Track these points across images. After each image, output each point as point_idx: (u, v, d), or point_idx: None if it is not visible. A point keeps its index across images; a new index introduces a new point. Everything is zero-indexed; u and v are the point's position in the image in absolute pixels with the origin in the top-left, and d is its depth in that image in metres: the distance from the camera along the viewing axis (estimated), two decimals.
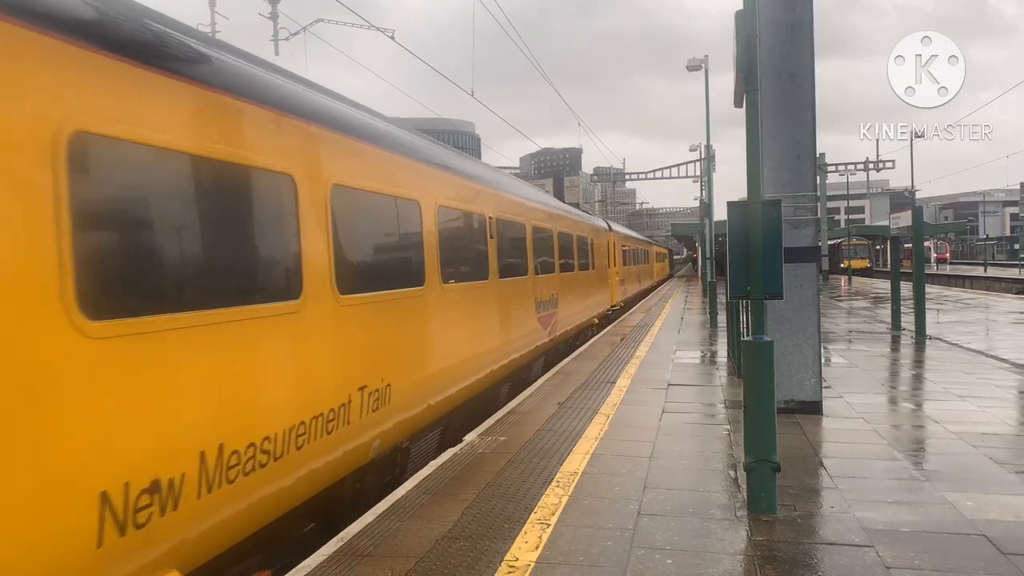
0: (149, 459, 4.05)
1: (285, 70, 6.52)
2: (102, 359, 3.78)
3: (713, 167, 35.44)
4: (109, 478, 3.77)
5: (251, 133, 5.30)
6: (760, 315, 6.39)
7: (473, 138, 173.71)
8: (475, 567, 4.96)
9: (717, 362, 14.75)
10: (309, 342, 5.82)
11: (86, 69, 3.88)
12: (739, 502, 6.16)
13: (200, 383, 4.54)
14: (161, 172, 4.47)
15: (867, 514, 5.88)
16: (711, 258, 30.04)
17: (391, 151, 7.89)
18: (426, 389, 8.17)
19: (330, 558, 5.18)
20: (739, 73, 6.56)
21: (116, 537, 3.78)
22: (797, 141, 9.38)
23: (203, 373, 4.57)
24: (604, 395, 10.99)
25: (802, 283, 9.32)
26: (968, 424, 8.85)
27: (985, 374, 12.59)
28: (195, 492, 4.37)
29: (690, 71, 31.64)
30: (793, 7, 9.36)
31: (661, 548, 5.23)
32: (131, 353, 3.97)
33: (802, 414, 9.34)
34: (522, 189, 15.46)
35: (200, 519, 4.46)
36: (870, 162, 57.11)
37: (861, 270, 65.48)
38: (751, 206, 6.24)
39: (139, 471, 3.96)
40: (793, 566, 4.94)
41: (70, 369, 3.60)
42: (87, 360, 3.69)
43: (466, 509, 6.10)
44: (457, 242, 9.76)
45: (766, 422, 6.10)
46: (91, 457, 3.69)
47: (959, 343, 16.60)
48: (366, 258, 7.33)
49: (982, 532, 5.48)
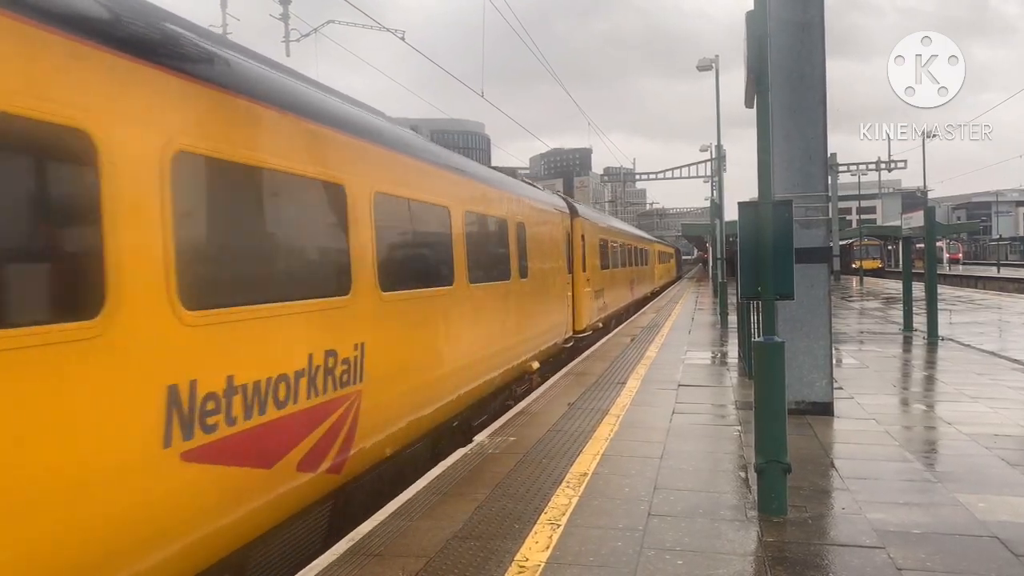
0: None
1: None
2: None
3: (724, 167, 35.38)
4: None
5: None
6: (771, 316, 6.38)
7: (483, 138, 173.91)
8: (485, 567, 4.98)
9: (728, 363, 14.72)
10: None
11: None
12: (749, 503, 6.16)
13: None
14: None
15: (878, 515, 5.86)
16: (722, 258, 29.88)
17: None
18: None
19: (341, 557, 5.20)
20: (750, 74, 6.55)
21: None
22: (808, 142, 9.35)
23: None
24: (614, 396, 10.99)
25: (813, 284, 9.29)
26: (980, 425, 8.81)
27: (998, 375, 12.52)
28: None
29: (700, 71, 31.58)
30: (804, 7, 9.33)
31: (671, 549, 5.23)
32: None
33: (813, 415, 9.32)
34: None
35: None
36: (882, 162, 56.82)
37: (873, 270, 65.18)
38: (762, 206, 6.23)
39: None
40: (804, 567, 4.93)
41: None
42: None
43: (476, 509, 6.11)
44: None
45: (777, 423, 6.09)
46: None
47: (971, 344, 16.50)
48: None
49: (994, 534, 5.45)
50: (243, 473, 4.96)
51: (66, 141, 3.75)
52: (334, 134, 6.48)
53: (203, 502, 4.57)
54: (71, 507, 3.67)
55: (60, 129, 3.68)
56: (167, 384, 4.26)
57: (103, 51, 4.00)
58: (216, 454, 4.64)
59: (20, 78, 3.50)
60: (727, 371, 13.64)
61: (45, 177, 3.85)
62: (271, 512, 5.32)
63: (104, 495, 3.85)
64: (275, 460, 5.32)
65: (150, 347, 4.18)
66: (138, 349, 4.10)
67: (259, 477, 5.14)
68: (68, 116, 3.72)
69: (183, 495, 4.39)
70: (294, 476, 5.53)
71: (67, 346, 3.66)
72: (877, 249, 71.46)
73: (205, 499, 4.59)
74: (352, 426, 6.36)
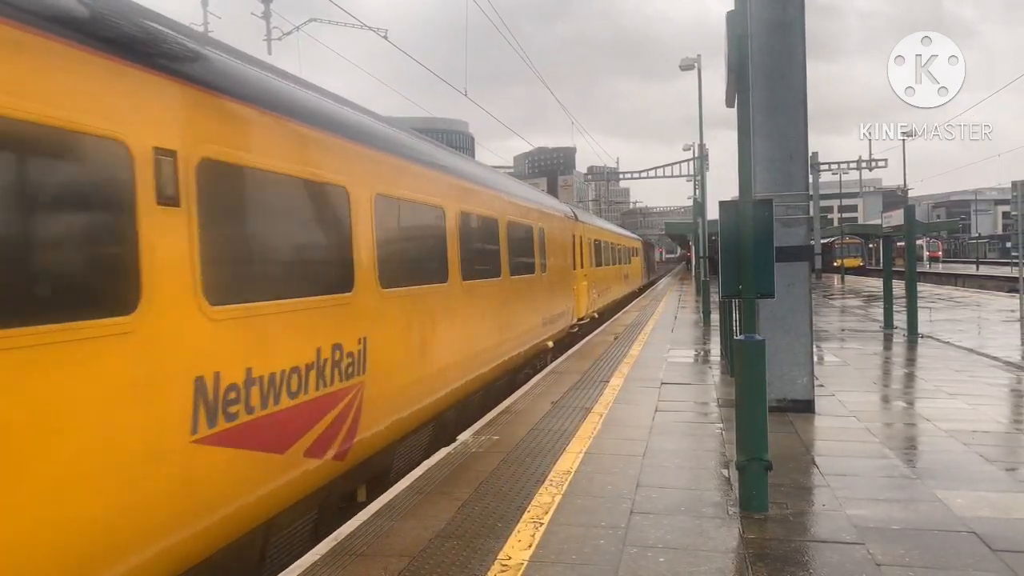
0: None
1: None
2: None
3: (707, 166, 35.53)
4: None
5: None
6: (752, 314, 6.42)
7: (467, 137, 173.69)
8: (468, 566, 4.98)
9: (710, 361, 14.79)
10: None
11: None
12: (731, 500, 6.19)
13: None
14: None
15: (858, 512, 5.91)
16: (704, 257, 30.01)
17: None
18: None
19: (323, 557, 5.19)
20: (731, 73, 6.60)
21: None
22: (789, 141, 9.40)
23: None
24: (597, 394, 11.02)
25: (794, 282, 9.35)
26: (959, 422, 8.90)
27: (976, 372, 12.65)
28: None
29: (683, 71, 31.67)
30: (784, 7, 9.38)
31: (654, 546, 5.26)
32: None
33: (794, 412, 9.38)
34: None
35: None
36: (863, 161, 57.26)
37: (854, 268, 65.66)
38: (743, 205, 6.27)
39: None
40: (784, 564, 4.97)
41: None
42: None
43: (459, 508, 6.11)
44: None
45: (758, 420, 6.13)
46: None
47: (951, 341, 16.68)
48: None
49: (972, 529, 5.51)
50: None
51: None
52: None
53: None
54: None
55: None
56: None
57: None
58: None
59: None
60: (709, 369, 13.70)
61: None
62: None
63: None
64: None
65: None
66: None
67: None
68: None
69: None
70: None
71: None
72: (858, 247, 71.94)
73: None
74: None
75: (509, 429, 8.91)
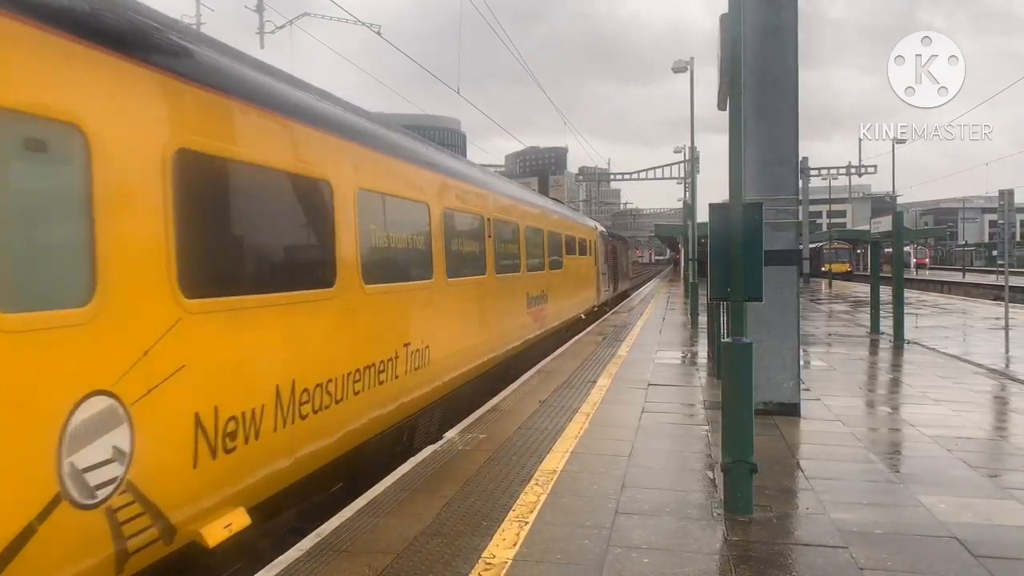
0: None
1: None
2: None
3: (698, 169, 35.57)
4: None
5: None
6: (740, 317, 6.43)
7: (459, 135, 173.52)
8: (452, 563, 4.97)
9: (698, 363, 14.83)
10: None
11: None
12: (716, 502, 6.21)
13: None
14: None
15: (842, 515, 5.94)
16: (693, 259, 30.08)
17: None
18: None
19: (307, 553, 5.17)
20: (723, 76, 6.60)
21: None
22: (780, 145, 9.43)
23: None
24: (585, 394, 11.03)
25: (782, 286, 9.37)
26: (943, 428, 8.96)
27: (961, 379, 12.74)
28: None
29: (676, 73, 31.65)
30: (778, 11, 9.40)
31: (638, 547, 5.27)
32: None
33: (780, 416, 9.41)
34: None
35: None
36: (852, 167, 57.53)
37: (842, 274, 65.96)
38: (732, 208, 6.28)
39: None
40: (768, 566, 4.99)
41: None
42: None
43: (444, 506, 6.11)
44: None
45: (744, 423, 6.15)
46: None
47: (936, 348, 16.78)
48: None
49: (954, 534, 5.55)
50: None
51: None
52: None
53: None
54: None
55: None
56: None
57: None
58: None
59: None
60: (696, 371, 13.74)
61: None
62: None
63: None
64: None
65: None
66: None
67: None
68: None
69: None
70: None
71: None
72: (847, 253, 72.34)
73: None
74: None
75: (496, 427, 8.91)
